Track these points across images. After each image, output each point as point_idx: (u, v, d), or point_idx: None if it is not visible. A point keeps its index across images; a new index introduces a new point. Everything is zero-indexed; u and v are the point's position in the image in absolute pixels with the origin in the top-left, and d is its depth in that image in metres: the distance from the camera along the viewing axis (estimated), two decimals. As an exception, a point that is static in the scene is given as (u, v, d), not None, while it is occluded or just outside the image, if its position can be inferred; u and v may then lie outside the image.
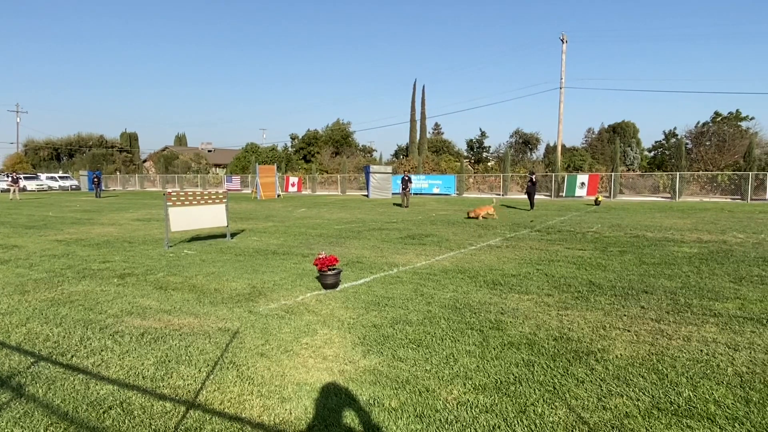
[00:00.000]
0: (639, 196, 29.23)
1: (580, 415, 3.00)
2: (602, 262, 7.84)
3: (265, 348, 4.21)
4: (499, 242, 10.33)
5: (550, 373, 3.62)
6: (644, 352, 4.03)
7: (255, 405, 3.19)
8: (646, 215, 16.62)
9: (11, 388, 3.45)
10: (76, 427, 2.94)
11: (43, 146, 67.36)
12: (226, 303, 5.66)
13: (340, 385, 3.46)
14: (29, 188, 43.18)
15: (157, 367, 3.82)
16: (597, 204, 22.46)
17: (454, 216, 16.80)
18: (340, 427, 2.92)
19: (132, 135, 71.53)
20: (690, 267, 7.38)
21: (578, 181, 29.31)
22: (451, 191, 33.59)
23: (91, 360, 3.98)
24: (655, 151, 45.58)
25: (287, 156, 51.23)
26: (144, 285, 6.61)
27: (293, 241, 10.71)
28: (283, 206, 23.06)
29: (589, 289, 6.11)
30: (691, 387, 3.36)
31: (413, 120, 48.29)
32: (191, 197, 10.31)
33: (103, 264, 8.13)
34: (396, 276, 7.01)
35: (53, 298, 5.92)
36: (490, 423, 2.94)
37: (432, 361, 3.88)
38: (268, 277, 7.02)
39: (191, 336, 4.52)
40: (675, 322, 4.79)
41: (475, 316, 5.06)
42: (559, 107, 34.22)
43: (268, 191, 31.62)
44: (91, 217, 17.57)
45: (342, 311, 5.29)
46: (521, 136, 46.40)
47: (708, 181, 28.61)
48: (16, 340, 4.47)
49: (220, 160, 67.84)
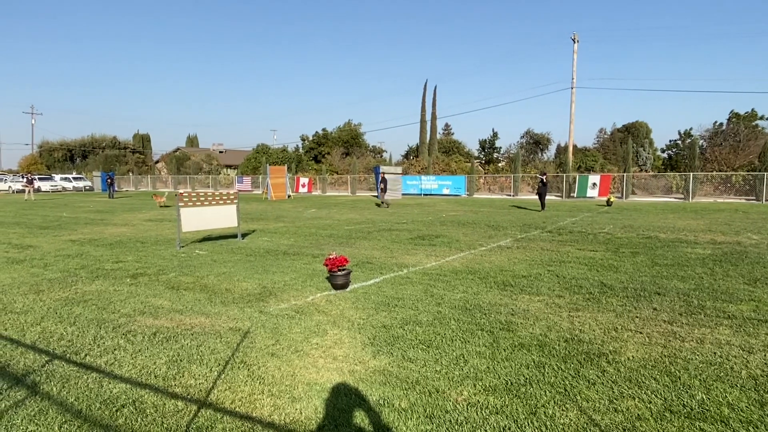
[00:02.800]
0: (651, 197, 28.95)
1: (591, 417, 2.98)
2: (614, 264, 7.78)
3: (276, 348, 4.23)
4: (509, 243, 10.29)
5: (561, 375, 3.60)
6: (657, 354, 3.99)
7: (265, 404, 3.20)
8: (658, 216, 16.46)
9: (26, 386, 3.50)
10: (89, 425, 2.97)
11: (58, 147, 68.22)
12: (237, 303, 5.69)
13: (350, 385, 3.47)
14: (43, 189, 43.73)
15: (169, 366, 3.86)
16: (609, 205, 22.28)
17: (464, 217, 16.76)
18: (350, 427, 2.93)
19: (144, 136, 72.17)
20: (703, 268, 7.30)
21: (590, 181, 29.09)
22: (461, 192, 33.50)
23: (105, 359, 4.03)
24: (668, 152, 45.11)
25: (297, 157, 51.41)
26: (156, 285, 6.67)
27: (303, 242, 10.75)
28: (294, 207, 23.14)
29: (600, 291, 6.06)
30: (705, 389, 3.32)
31: (423, 120, 48.21)
32: (203, 198, 10.39)
33: (116, 264, 8.22)
34: (406, 277, 7.01)
35: (67, 298, 6.00)
36: (501, 424, 2.93)
37: (442, 362, 3.87)
38: (279, 277, 7.05)
39: (203, 335, 4.55)
40: (688, 324, 4.74)
41: (485, 317, 5.04)
42: (570, 107, 34.05)
43: (278, 192, 31.74)
44: (104, 217, 17.76)
45: (352, 312, 5.30)
46: (532, 136, 46.18)
47: (722, 181, 28.24)
48: (31, 338, 4.53)
49: (231, 160, 68.19)
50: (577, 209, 20.36)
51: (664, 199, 27.02)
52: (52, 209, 22.23)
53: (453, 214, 17.87)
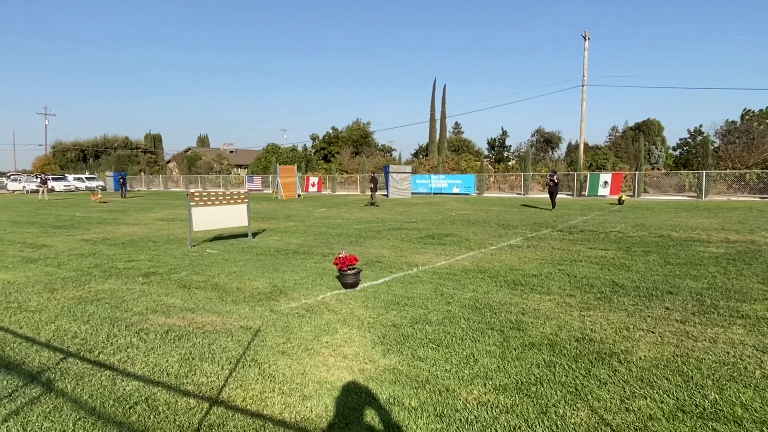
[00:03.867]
0: (664, 195, 28.67)
1: (602, 417, 2.97)
2: (626, 263, 7.72)
3: (286, 346, 4.25)
4: (520, 242, 10.24)
5: (571, 375, 3.58)
6: (669, 353, 3.96)
7: (276, 402, 3.22)
8: (671, 215, 16.30)
9: (41, 383, 3.55)
10: (103, 421, 3.01)
11: (71, 148, 68.99)
12: (248, 302, 5.73)
13: (360, 383, 3.48)
14: (57, 189, 44.23)
15: (181, 364, 3.89)
16: (620, 203, 22.09)
17: (474, 216, 16.71)
18: (360, 425, 2.94)
19: (156, 136, 72.83)
20: (717, 267, 7.22)
21: (601, 179, 28.87)
22: (471, 191, 33.40)
23: (118, 357, 4.07)
24: (680, 150, 44.67)
25: (307, 156, 51.55)
26: (168, 284, 6.73)
27: (313, 241, 10.78)
28: (304, 206, 23.22)
29: (612, 290, 6.02)
30: (718, 390, 3.29)
31: (433, 119, 48.15)
32: (214, 197, 10.46)
33: (129, 263, 8.30)
34: (416, 276, 7.01)
35: (81, 296, 6.07)
36: (511, 424, 2.92)
37: (452, 361, 3.87)
38: (289, 276, 7.09)
39: (214, 334, 4.59)
40: (701, 323, 4.69)
41: (495, 316, 5.03)
42: (581, 105, 33.80)
43: (288, 191, 31.87)
44: (117, 217, 17.94)
45: (362, 310, 5.31)
46: (543, 134, 45.94)
47: (736, 179, 27.91)
48: (45, 336, 4.60)
49: (241, 160, 68.55)
50: (588, 208, 20.22)
51: (676, 198, 26.74)
52: (65, 209, 22.50)
53: (463, 213, 17.83)
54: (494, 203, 24.24)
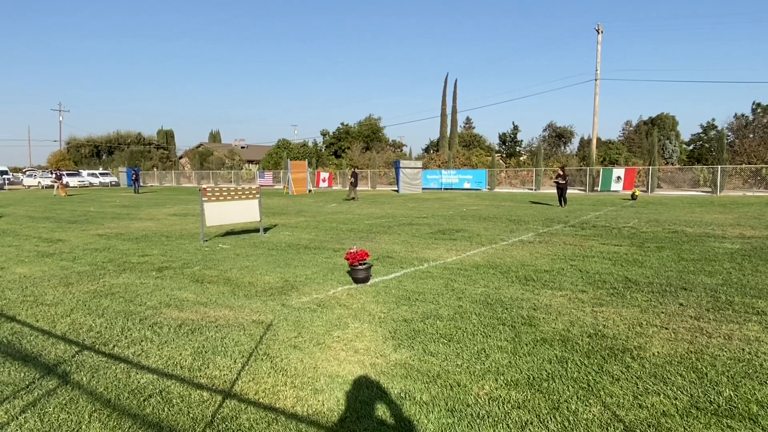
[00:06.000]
0: (678, 191, 28.34)
1: (615, 413, 2.95)
2: (639, 258, 7.65)
3: (298, 340, 4.28)
4: (531, 237, 10.19)
5: (584, 370, 3.56)
6: (683, 350, 3.92)
7: (288, 396, 3.25)
8: (685, 210, 16.12)
9: (58, 376, 3.61)
10: (118, 413, 3.05)
11: (85, 144, 69.77)
12: (260, 296, 5.76)
13: (371, 378, 3.49)
14: (71, 184, 44.73)
15: (195, 357, 3.93)
16: (634, 198, 21.88)
17: (485, 211, 16.65)
18: (371, 419, 2.95)
19: (168, 132, 73.33)
20: (732, 263, 7.13)
21: (614, 175, 28.60)
22: (482, 186, 33.27)
23: (132, 350, 4.12)
24: (693, 144, 44.11)
25: (318, 152, 51.64)
26: (181, 278, 6.79)
27: (324, 236, 10.81)
28: (314, 201, 23.28)
29: (625, 286, 5.97)
30: (732, 386, 3.26)
31: (444, 114, 47.94)
32: (225, 193, 10.53)
33: (142, 257, 8.39)
34: (426, 271, 7.01)
35: (95, 290, 6.15)
36: (523, 419, 2.91)
37: (463, 356, 3.87)
38: (300, 271, 7.12)
39: (227, 328, 4.63)
40: (715, 320, 4.64)
41: (506, 311, 5.02)
42: (594, 99, 33.45)
43: (299, 187, 31.96)
44: (130, 212, 18.13)
45: (373, 305, 5.32)
46: (555, 129, 45.60)
47: (751, 174, 27.48)
48: (61, 329, 4.66)
49: (253, 156, 68.87)
50: (600, 203, 20.05)
51: (690, 193, 26.43)
52: (79, 204, 22.77)
53: (474, 209, 17.77)
54: (505, 198, 24.13)
